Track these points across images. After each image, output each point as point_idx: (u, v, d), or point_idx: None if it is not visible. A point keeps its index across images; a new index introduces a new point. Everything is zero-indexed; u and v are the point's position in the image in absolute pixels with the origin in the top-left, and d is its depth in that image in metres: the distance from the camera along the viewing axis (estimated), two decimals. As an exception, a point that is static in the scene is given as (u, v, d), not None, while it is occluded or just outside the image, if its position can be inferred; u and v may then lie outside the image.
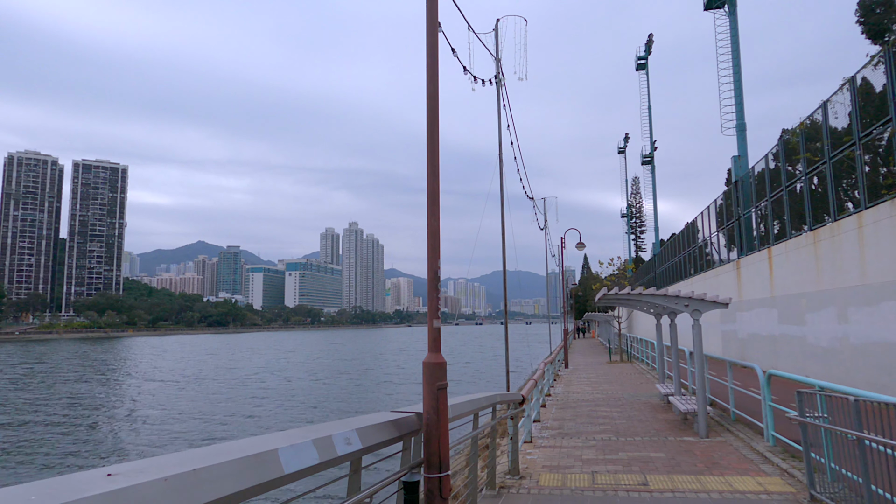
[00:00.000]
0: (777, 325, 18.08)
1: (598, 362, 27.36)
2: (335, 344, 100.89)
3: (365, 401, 29.10)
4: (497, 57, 10.41)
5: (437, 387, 3.43)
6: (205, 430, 21.61)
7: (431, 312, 3.54)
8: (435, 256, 3.56)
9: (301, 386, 36.13)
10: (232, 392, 32.79)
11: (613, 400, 14.23)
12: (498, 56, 10.47)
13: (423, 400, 3.49)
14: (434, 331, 3.54)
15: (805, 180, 15.80)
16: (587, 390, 16.40)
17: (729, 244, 24.41)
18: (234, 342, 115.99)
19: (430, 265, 3.55)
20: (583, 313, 79.02)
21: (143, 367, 54.28)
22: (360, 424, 2.62)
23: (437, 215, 3.59)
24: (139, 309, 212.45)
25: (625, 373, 21.49)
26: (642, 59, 50.25)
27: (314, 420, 23.46)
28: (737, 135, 23.92)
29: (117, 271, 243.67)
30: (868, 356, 12.52)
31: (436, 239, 3.57)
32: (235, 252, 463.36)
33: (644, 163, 50.67)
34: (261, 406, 27.51)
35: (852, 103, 13.05)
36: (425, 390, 3.45)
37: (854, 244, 12.92)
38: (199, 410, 26.30)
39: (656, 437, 9.55)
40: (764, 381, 8.59)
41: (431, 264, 3.55)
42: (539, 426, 10.82)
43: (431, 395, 3.43)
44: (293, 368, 49.21)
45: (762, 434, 9.09)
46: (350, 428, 2.50)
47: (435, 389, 3.42)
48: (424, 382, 3.47)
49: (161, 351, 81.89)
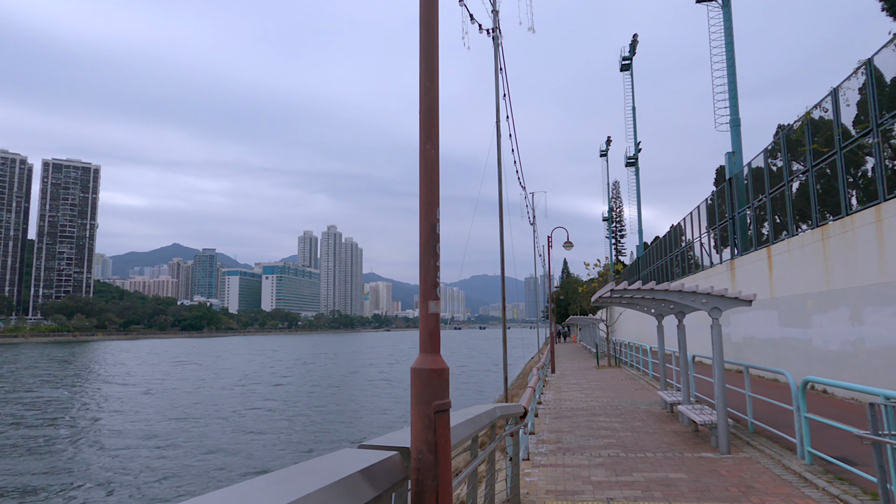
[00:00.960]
0: (778, 327, 17.13)
1: (585, 367, 26.29)
2: (317, 353, 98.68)
3: (343, 425, 23.99)
4: (495, 8, 9.17)
5: (436, 408, 2.16)
6: (142, 461, 18.43)
7: (426, 291, 2.27)
8: (431, 202, 2.30)
9: (267, 408, 29.78)
10: (185, 413, 27.53)
11: (611, 408, 13.07)
12: (495, 7, 9.22)
13: (410, 428, 2.21)
14: (429, 320, 2.27)
15: (812, 173, 14.86)
16: (580, 397, 15.22)
17: (721, 245, 23.53)
18: (206, 347, 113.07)
19: (425, 217, 2.30)
20: (564, 317, 78.34)
21: (105, 373, 51.97)
22: (298, 493, 1.35)
23: (435, 141, 2.33)
24: (110, 312, 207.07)
25: (615, 378, 20.40)
26: (627, 59, 49.64)
27: (265, 463, 17.62)
28: (731, 130, 23.07)
29: (88, 273, 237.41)
30: (887, 360, 11.53)
31: (432, 175, 2.31)
32: (211, 255, 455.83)
33: (628, 164, 49.93)
34: (209, 438, 21.30)
35: (868, 87, 12.10)
36: (415, 413, 2.17)
37: (871, 239, 11.94)
38: (140, 436, 22.52)
39: (670, 452, 8.37)
40: (798, 390, 7.46)
41: (427, 216, 2.30)
42: (534, 439, 9.58)
43: (425, 422, 2.16)
44: (262, 379, 47.02)
45: (792, 450, 7.96)
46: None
47: (431, 412, 2.15)
48: (414, 401, 2.19)
49: (123, 357, 79.16)
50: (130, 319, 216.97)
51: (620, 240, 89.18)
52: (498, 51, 9.67)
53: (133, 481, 15.91)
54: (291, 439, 20.82)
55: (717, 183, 33.42)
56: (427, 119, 2.32)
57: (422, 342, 2.23)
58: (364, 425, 23.63)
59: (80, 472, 16.91)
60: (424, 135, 2.30)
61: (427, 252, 2.24)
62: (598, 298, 10.81)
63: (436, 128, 2.31)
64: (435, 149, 2.29)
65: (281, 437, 21.11)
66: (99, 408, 29.34)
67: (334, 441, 20.51)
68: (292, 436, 21.43)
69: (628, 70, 49.95)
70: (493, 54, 9.57)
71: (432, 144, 2.28)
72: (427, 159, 2.28)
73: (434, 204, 2.26)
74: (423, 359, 2.20)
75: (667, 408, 12.43)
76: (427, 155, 2.28)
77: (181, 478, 16.20)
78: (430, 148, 2.28)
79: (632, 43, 48.95)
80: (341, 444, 19.95)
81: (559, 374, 23.07)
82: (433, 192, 2.27)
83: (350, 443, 19.83)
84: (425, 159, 2.28)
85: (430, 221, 2.24)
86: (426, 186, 2.27)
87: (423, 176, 2.28)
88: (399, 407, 28.39)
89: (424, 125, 2.32)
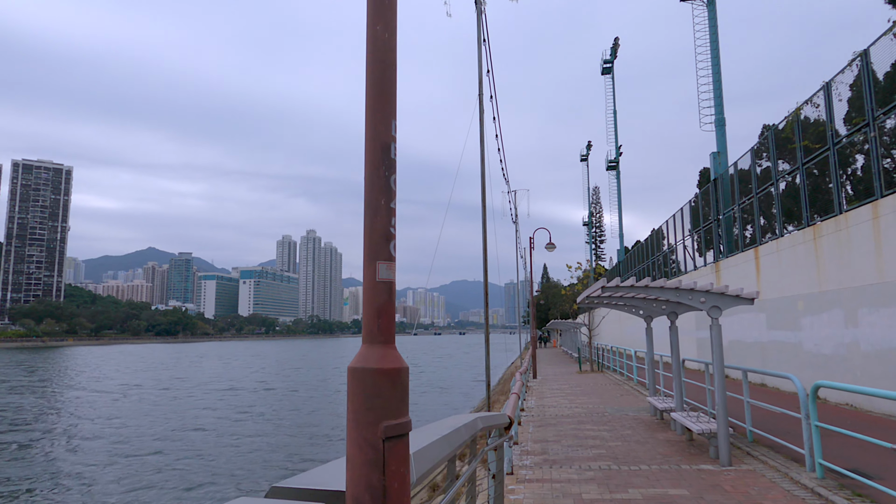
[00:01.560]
0: (765, 330, 16.63)
1: (567, 372, 25.64)
2: (286, 365, 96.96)
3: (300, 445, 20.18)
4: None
5: (386, 432, 1.37)
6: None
7: (373, 246, 1.48)
8: (384, 111, 1.52)
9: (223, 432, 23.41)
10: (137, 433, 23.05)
11: (597, 415, 12.37)
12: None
13: (346, 462, 1.41)
14: (378, 293, 1.48)
15: (802, 171, 14.39)
16: (564, 403, 14.51)
17: (705, 247, 23.10)
18: (180, 352, 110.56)
19: (374, 134, 1.51)
20: (544, 322, 77.98)
21: (70, 380, 50.14)
22: None
23: (389, 22, 1.54)
24: (81, 317, 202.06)
25: (599, 384, 19.76)
26: (608, 62, 49.43)
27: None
28: (716, 130, 22.66)
29: (59, 277, 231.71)
30: (885, 364, 11.01)
31: (386, 73, 1.53)
32: (187, 259, 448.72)
33: (609, 168, 49.63)
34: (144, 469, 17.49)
35: (864, 78, 11.63)
36: (353, 439, 1.38)
37: (867, 237, 11.44)
38: (94, 443, 20.94)
39: (666, 464, 7.67)
40: (806, 396, 6.81)
41: (376, 132, 1.51)
42: (518, 450, 8.82)
43: (368, 454, 1.37)
44: (225, 392, 45.56)
45: (799, 461, 7.32)
46: None
47: (379, 437, 1.36)
48: (351, 420, 1.40)
49: (92, 363, 76.86)
50: (102, 324, 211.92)
51: (600, 245, 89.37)
52: (481, 18, 8.91)
53: (85, 488, 14.79)
54: (212, 467, 17.51)
55: (701, 185, 33.16)
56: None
57: (366, 328, 1.44)
58: (311, 449, 21.01)
59: (37, 481, 15.72)
60: (373, 10, 1.51)
61: (375, 186, 1.45)
62: (585, 298, 10.12)
63: (392, 2, 1.53)
64: (390, 33, 1.50)
65: (199, 465, 17.71)
66: (59, 415, 27.90)
67: (271, 467, 17.67)
68: (214, 464, 17.95)
69: (609, 73, 49.74)
70: (476, 30, 8.82)
71: (385, 25, 1.49)
72: (378, 46, 1.49)
73: (388, 114, 1.47)
74: (368, 353, 1.40)
75: (657, 414, 11.77)
76: (377, 40, 1.49)
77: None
78: (381, 30, 1.49)
79: (613, 46, 48.78)
80: (271, 472, 16.98)
81: (541, 379, 22.38)
82: (386, 98, 1.48)
83: (266, 483, 16.22)
84: (375, 46, 1.49)
85: (382, 140, 1.45)
86: (377, 88, 1.48)
87: (372, 73, 1.49)
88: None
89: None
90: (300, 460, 18.44)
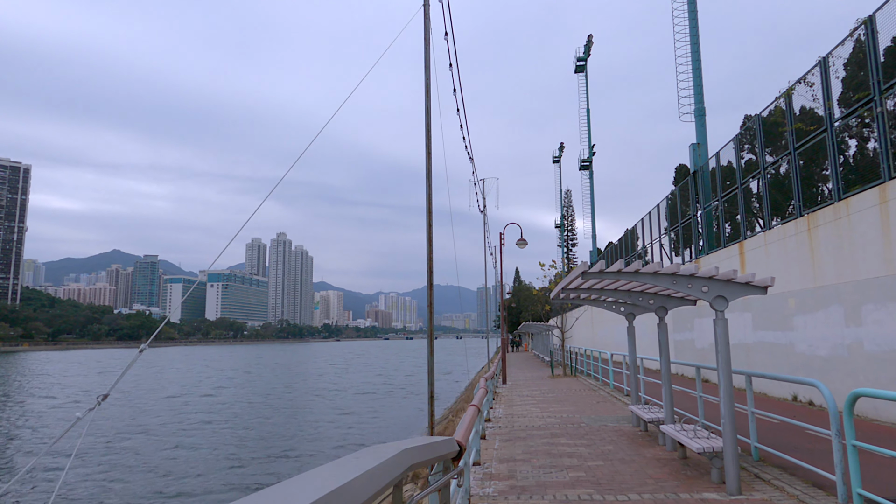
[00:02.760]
0: (751, 331, 15.43)
1: (539, 377, 24.24)
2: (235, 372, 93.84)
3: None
4: None
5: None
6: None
7: None
8: None
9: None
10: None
11: (572, 426, 10.90)
12: None
13: None
14: None
15: (794, 156, 13.20)
16: (535, 412, 13.03)
17: (683, 244, 21.96)
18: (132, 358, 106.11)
19: None
20: (516, 326, 76.84)
21: (12, 388, 47.05)
22: None
23: None
24: (38, 321, 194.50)
25: (573, 389, 18.37)
26: (582, 59, 48.44)
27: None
28: (695, 120, 21.55)
29: (15, 280, 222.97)
30: (893, 366, 9.79)
31: None
32: (153, 262, 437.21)
33: (582, 167, 48.57)
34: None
35: (869, 48, 10.45)
36: None
37: (874, 224, 10.23)
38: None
39: (660, 491, 6.19)
40: (836, 408, 5.41)
41: None
42: (480, 473, 7.27)
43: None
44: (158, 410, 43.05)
45: (822, 486, 5.93)
46: None
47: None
48: None
49: (45, 369, 73.11)
50: (60, 328, 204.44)
51: (572, 248, 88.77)
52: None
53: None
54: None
55: (677, 182, 32.18)
56: None
57: None
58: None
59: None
60: None
61: None
62: (561, 290, 8.65)
63: None
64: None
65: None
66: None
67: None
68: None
69: (583, 72, 48.80)
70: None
71: None
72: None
73: None
74: None
75: (640, 426, 10.35)
76: None
77: None
78: None
79: (587, 44, 47.82)
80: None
81: (511, 384, 20.91)
82: None
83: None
84: None
85: None
86: None
87: None
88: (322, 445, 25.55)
89: None
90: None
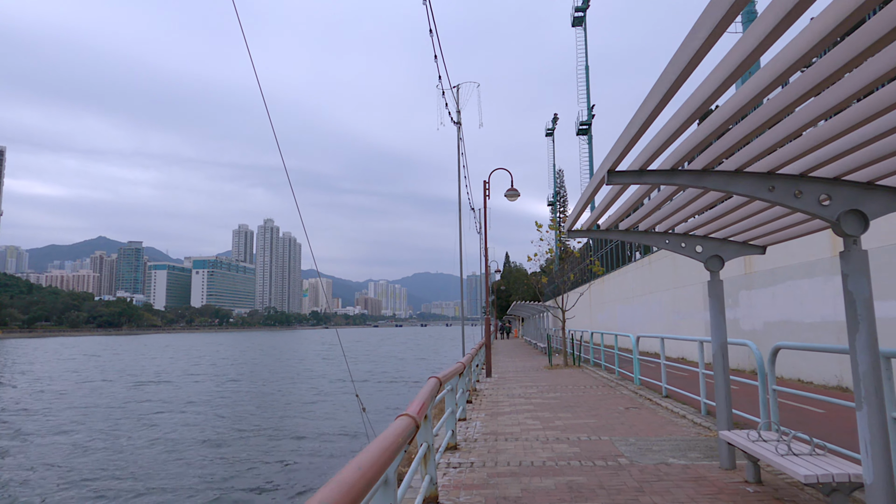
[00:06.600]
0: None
1: (533, 367, 19.33)
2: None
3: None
4: None
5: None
6: None
7: None
8: None
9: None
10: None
11: (607, 466, 5.93)
12: None
13: None
14: None
15: None
16: (533, 429, 8.07)
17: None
18: (105, 346, 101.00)
19: None
20: (505, 311, 72.13)
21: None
22: None
23: None
24: (12, 307, 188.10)
25: (582, 385, 13.44)
26: (580, 10, 43.14)
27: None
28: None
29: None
30: None
31: None
32: (137, 248, 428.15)
33: (580, 132, 43.44)
34: None
35: None
36: None
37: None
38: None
39: None
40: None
41: None
42: None
43: None
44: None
45: None
46: None
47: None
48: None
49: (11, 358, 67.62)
50: (37, 316, 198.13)
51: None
52: None
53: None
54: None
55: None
56: None
57: None
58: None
59: None
60: None
61: None
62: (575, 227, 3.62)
63: None
64: None
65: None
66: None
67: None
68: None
69: (581, 25, 43.56)
70: None
71: None
72: None
73: None
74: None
75: (730, 463, 5.39)
76: None
77: None
78: None
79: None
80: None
81: (497, 378, 15.97)
82: None
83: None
84: None
85: None
86: None
87: None
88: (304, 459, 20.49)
89: None
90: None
